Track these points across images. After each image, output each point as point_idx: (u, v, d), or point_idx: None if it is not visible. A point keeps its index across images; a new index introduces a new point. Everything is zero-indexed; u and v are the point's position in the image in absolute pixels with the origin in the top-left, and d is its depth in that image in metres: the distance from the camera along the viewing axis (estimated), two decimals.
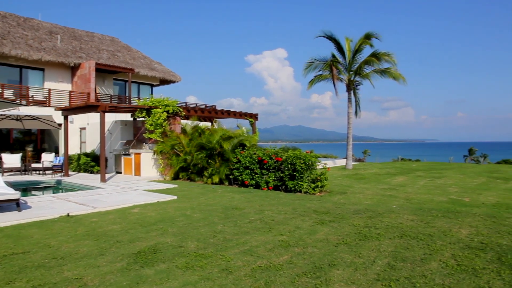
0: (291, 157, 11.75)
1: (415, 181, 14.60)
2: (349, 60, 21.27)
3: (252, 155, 12.76)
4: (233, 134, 14.27)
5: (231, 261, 4.94)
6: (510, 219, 7.55)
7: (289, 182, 11.72)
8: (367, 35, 20.46)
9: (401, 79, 20.79)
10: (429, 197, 10.57)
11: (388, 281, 4.23)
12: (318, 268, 4.65)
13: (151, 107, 15.97)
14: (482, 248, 5.46)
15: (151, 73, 26.20)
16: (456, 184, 13.54)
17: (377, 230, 6.46)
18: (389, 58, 20.59)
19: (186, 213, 8.12)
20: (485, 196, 10.89)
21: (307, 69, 22.22)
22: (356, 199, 10.31)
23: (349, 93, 21.61)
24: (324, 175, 11.73)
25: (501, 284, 4.18)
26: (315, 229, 6.60)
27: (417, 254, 5.16)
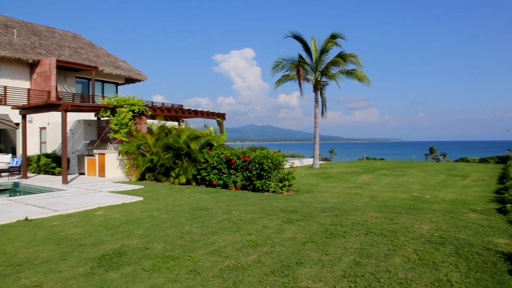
0: (258, 157, 11.78)
1: (380, 179, 15.01)
2: (316, 60, 21.57)
3: (219, 155, 12.70)
4: (201, 134, 14.15)
5: (199, 262, 4.90)
6: (466, 214, 7.92)
7: (257, 181, 11.75)
8: (332, 36, 20.81)
9: (366, 80, 21.30)
10: (392, 195, 10.90)
11: (354, 277, 4.32)
12: (286, 267, 4.69)
13: (116, 106, 15.56)
14: (442, 242, 5.69)
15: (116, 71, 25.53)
16: (418, 182, 14.03)
17: (343, 227, 6.60)
18: (355, 59, 21.04)
19: (153, 214, 7.97)
20: (444, 192, 11.35)
21: (274, 69, 22.34)
22: (323, 197, 10.48)
23: (316, 93, 21.92)
24: (292, 174, 11.84)
25: (458, 275, 4.37)
26: (283, 228, 6.65)
27: (381, 250, 5.30)
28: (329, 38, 20.87)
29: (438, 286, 4.09)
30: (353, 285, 4.13)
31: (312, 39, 21.61)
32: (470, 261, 4.84)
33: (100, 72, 24.49)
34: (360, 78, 21.32)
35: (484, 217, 7.68)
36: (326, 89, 22.65)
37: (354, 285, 4.13)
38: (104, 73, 25.00)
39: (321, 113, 22.43)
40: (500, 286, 4.10)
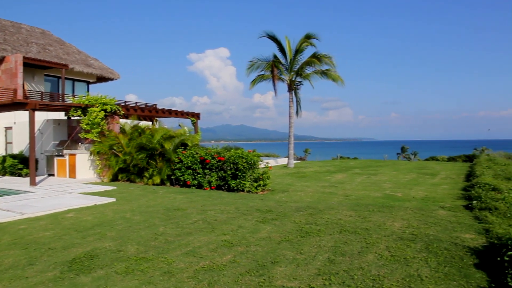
0: (233, 157, 11.76)
1: (353, 178, 15.27)
2: (291, 60, 21.71)
3: (194, 154, 12.60)
4: (175, 134, 13.99)
5: (173, 263, 4.84)
6: (436, 211, 8.16)
7: (232, 181, 11.73)
8: (307, 36, 21.00)
9: (340, 80, 21.61)
10: (366, 193, 11.10)
11: (328, 275, 4.38)
12: (261, 266, 4.70)
13: (87, 105, 15.17)
14: (413, 239, 5.84)
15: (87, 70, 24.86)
16: (390, 180, 14.35)
17: (318, 226, 6.67)
18: (329, 60, 21.31)
19: (126, 215, 7.82)
20: (415, 190, 11.66)
21: (249, 69, 22.35)
22: (298, 197, 10.56)
23: (291, 93, 22.07)
24: (266, 174, 11.87)
25: (428, 270, 4.51)
26: (258, 227, 6.66)
27: (355, 248, 5.40)
28: (304, 39, 21.05)
29: (409, 281, 4.20)
30: (327, 282, 4.18)
31: (287, 39, 21.76)
32: (439, 257, 5.00)
33: (71, 70, 23.78)
34: (334, 78, 21.61)
35: (452, 213, 7.94)
36: (300, 89, 22.84)
37: (328, 282, 4.18)
38: (74, 71, 24.29)
39: (296, 113, 22.61)
40: (467, 279, 4.25)
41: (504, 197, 8.57)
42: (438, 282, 4.19)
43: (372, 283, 4.15)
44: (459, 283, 4.17)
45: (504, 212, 7.48)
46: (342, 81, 21.66)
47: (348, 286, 4.08)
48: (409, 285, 4.11)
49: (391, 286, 4.09)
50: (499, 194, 9.01)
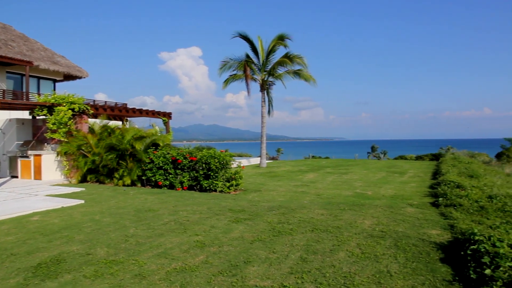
0: (205, 157, 11.68)
1: (325, 177, 15.48)
2: (263, 60, 21.80)
3: (165, 155, 12.43)
4: (146, 134, 13.75)
5: (145, 265, 4.75)
6: (404, 208, 8.40)
7: (204, 181, 11.64)
8: (280, 36, 21.14)
9: (312, 80, 21.89)
10: (337, 192, 11.28)
11: (300, 274, 4.42)
12: (234, 266, 4.68)
13: (53, 104, 14.67)
14: (382, 236, 5.99)
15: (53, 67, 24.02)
16: (360, 179, 14.65)
17: (290, 225, 6.72)
18: (301, 60, 21.52)
19: (95, 217, 7.62)
20: (385, 189, 11.95)
21: (222, 69, 22.28)
22: (270, 196, 10.61)
23: (263, 93, 22.16)
24: (239, 173, 11.86)
25: (397, 266, 4.63)
26: (230, 227, 6.64)
27: (326, 246, 5.47)
28: (276, 39, 21.17)
29: (379, 277, 4.29)
30: (300, 281, 4.22)
31: (259, 39, 21.82)
32: (408, 252, 5.14)
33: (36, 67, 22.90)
34: (306, 78, 21.86)
35: (419, 210, 8.18)
36: (272, 89, 22.98)
37: (301, 281, 4.22)
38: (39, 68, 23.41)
39: (268, 113, 22.72)
40: (433, 274, 4.39)
41: (467, 194, 8.91)
42: (407, 277, 4.31)
43: (343, 280, 4.22)
44: (426, 277, 4.30)
45: (468, 208, 7.78)
46: (314, 81, 21.94)
47: (320, 284, 4.13)
48: (379, 281, 4.20)
49: (361, 282, 4.16)
50: (463, 191, 9.37)
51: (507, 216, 7.05)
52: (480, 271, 4.05)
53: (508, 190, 9.54)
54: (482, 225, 6.31)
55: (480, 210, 7.66)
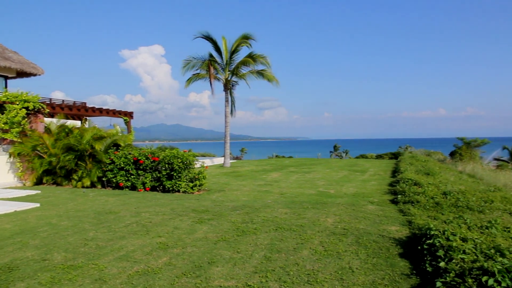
0: (168, 157, 11.49)
1: (288, 176, 15.65)
2: (227, 60, 21.74)
3: (127, 155, 12.12)
4: (106, 134, 13.34)
5: (105, 269, 4.61)
6: (365, 206, 8.64)
7: (167, 182, 11.45)
8: (244, 36, 21.16)
9: (275, 80, 22.06)
10: (300, 191, 11.43)
11: (265, 273, 4.43)
12: (198, 267, 4.63)
13: (5, 102, 13.91)
14: (344, 233, 6.13)
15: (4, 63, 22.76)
16: (323, 178, 14.93)
17: (254, 224, 6.74)
18: (264, 60, 21.64)
19: (52, 221, 7.30)
20: (346, 187, 12.24)
21: (185, 68, 22.01)
22: (234, 196, 10.59)
23: (226, 92, 22.10)
24: (202, 173, 11.76)
25: (358, 262, 4.75)
26: (194, 228, 6.57)
27: (290, 245, 5.53)
28: (240, 39, 21.17)
29: (341, 274, 4.39)
30: (264, 280, 4.23)
31: (223, 39, 21.73)
32: (368, 249, 5.29)
33: None
34: (270, 78, 22.00)
35: (380, 208, 8.45)
36: (235, 88, 22.97)
37: (265, 280, 4.23)
38: None
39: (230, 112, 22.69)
40: (392, 268, 4.54)
41: (424, 191, 9.30)
42: (368, 272, 4.43)
43: (307, 278, 4.28)
44: (385, 272, 4.44)
45: (424, 205, 8.11)
46: (277, 81, 22.13)
47: (284, 282, 4.16)
48: (341, 277, 4.29)
49: (324, 279, 4.24)
50: (420, 189, 9.76)
51: (460, 211, 7.42)
52: (435, 264, 4.23)
53: (460, 187, 10.05)
54: (437, 220, 6.60)
55: (435, 206, 8.01)
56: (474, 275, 3.68)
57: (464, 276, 3.72)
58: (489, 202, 8.16)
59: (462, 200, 8.24)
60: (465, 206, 7.82)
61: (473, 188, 10.07)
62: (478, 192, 9.34)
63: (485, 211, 7.46)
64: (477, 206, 7.79)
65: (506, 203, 8.16)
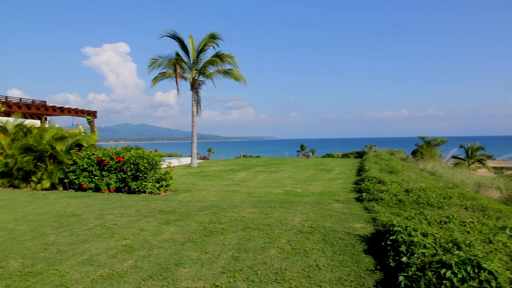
0: (134, 157, 11.24)
1: (256, 176, 15.69)
2: (194, 59, 21.53)
3: (90, 156, 11.74)
4: (68, 134, 12.87)
5: (67, 274, 4.44)
6: (332, 204, 8.79)
7: (132, 183, 11.20)
8: (211, 36, 21.01)
9: (242, 80, 22.07)
10: (268, 190, 11.48)
11: (233, 273, 4.42)
12: (165, 269, 4.55)
13: None
14: (311, 231, 6.20)
15: None
16: (290, 177, 15.07)
17: (222, 225, 6.70)
18: (231, 60, 21.60)
19: (8, 226, 6.95)
20: (313, 186, 12.42)
21: (151, 66, 21.62)
22: (201, 196, 10.50)
23: (193, 91, 21.89)
24: (169, 174, 11.58)
25: (325, 260, 4.83)
26: (160, 229, 6.46)
27: (258, 244, 5.54)
28: (208, 38, 21.02)
29: (308, 271, 4.44)
30: (232, 280, 4.21)
31: (190, 38, 21.51)
32: (335, 246, 5.39)
33: None
34: (237, 78, 21.99)
35: (345, 206, 8.62)
36: (202, 88, 22.80)
37: (233, 280, 4.22)
38: None
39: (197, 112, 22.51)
40: (358, 264, 4.65)
41: (387, 189, 9.58)
42: (334, 269, 4.51)
43: (274, 277, 4.29)
44: (351, 268, 4.53)
45: (388, 202, 8.36)
46: (245, 80, 22.15)
47: (252, 282, 4.16)
48: (308, 275, 4.34)
49: (292, 277, 4.27)
50: (383, 186, 10.05)
51: (421, 208, 7.70)
52: (398, 259, 4.36)
53: (421, 184, 10.43)
54: (400, 217, 6.81)
55: (398, 203, 8.27)
56: (434, 268, 3.83)
57: (425, 270, 3.86)
58: (448, 199, 8.52)
59: (423, 197, 8.56)
60: (426, 202, 8.12)
61: (433, 185, 10.48)
62: (437, 189, 9.73)
63: (444, 207, 7.78)
64: (436, 202, 8.11)
65: (463, 199, 8.55)
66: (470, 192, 9.89)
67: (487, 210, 7.54)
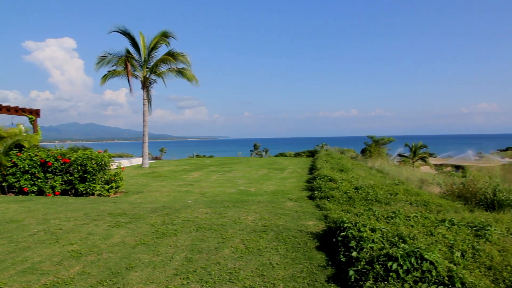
0: (81, 158, 10.74)
1: (209, 175, 15.57)
2: (145, 57, 20.95)
3: (32, 157, 11.07)
4: (7, 134, 12.04)
5: (5, 286, 4.14)
6: (285, 203, 8.91)
7: (80, 185, 10.70)
8: (163, 33, 20.55)
9: (194, 80, 21.81)
10: (221, 190, 11.43)
11: (186, 274, 4.34)
12: (115, 274, 4.39)
13: None
14: (264, 230, 6.25)
15: None
16: (244, 177, 15.10)
17: (174, 226, 6.57)
18: (184, 59, 21.25)
19: None
20: (266, 185, 12.52)
21: (99, 64, 20.75)
22: (153, 197, 10.25)
23: (145, 90, 21.33)
24: (119, 175, 11.20)
25: (278, 258, 4.88)
26: (110, 232, 6.22)
27: (211, 244, 5.49)
28: (160, 35, 20.55)
29: (262, 270, 4.46)
30: (185, 281, 4.14)
31: (141, 35, 20.91)
32: (288, 244, 5.46)
33: None
34: (189, 78, 21.70)
35: (298, 204, 8.77)
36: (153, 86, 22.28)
37: (186, 281, 4.15)
38: None
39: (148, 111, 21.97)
40: (310, 261, 4.74)
41: (338, 186, 9.87)
42: (287, 267, 4.57)
43: (228, 276, 4.28)
44: (304, 265, 4.62)
45: (339, 199, 8.62)
46: (197, 80, 21.92)
47: (206, 282, 4.12)
48: (262, 273, 4.37)
49: (246, 276, 4.28)
50: (334, 184, 10.34)
51: (369, 204, 8.01)
52: (349, 254, 4.51)
53: (370, 182, 10.85)
54: (350, 213, 7.04)
55: (348, 200, 8.56)
56: (381, 261, 4.00)
57: (373, 263, 4.02)
58: (394, 195, 8.94)
59: (372, 193, 8.91)
60: (374, 199, 8.47)
61: (381, 183, 10.94)
62: (385, 186, 10.17)
63: (390, 203, 8.15)
64: (384, 198, 8.49)
65: (408, 195, 9.00)
66: (414, 188, 10.43)
67: (429, 204, 8.00)
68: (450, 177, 16.03)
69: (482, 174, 12.01)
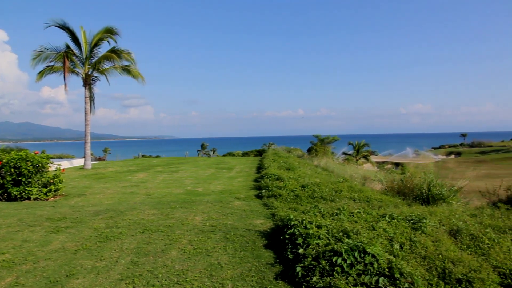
0: (15, 160, 10.01)
1: (155, 176, 15.19)
2: (87, 53, 19.97)
3: None
4: None
5: None
6: (232, 202, 8.91)
7: (13, 189, 9.97)
8: (107, 29, 19.70)
9: (140, 78, 21.16)
10: (168, 191, 11.19)
11: (131, 279, 4.21)
12: (54, 283, 4.15)
13: None
14: (213, 230, 6.21)
15: None
16: (191, 177, 14.90)
17: (119, 229, 6.34)
18: (129, 56, 20.53)
19: None
20: (214, 185, 12.45)
21: (36, 59, 19.44)
22: (96, 200, 9.82)
23: (87, 88, 20.34)
24: (59, 177, 10.58)
25: (227, 258, 4.88)
26: (48, 239, 5.86)
27: (158, 246, 5.36)
28: (103, 31, 19.69)
29: (210, 270, 4.43)
30: (131, 286, 4.01)
31: (82, 30, 19.91)
32: (236, 243, 5.47)
33: None
34: (135, 75, 21.03)
35: (246, 203, 8.81)
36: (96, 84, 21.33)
37: (132, 286, 4.02)
38: None
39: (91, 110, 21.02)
40: (258, 259, 4.79)
41: (285, 185, 10.05)
42: (236, 266, 4.57)
43: (176, 279, 4.20)
44: (252, 264, 4.65)
45: (286, 198, 8.77)
46: (143, 78, 21.30)
47: (153, 286, 4.01)
48: (210, 273, 4.34)
49: (194, 277, 4.23)
50: (282, 183, 10.51)
51: (316, 201, 8.24)
52: (296, 251, 4.60)
53: (316, 180, 11.16)
54: (297, 211, 7.20)
55: (295, 198, 8.74)
56: (327, 257, 4.13)
57: (319, 259, 4.14)
58: (339, 192, 9.27)
59: (317, 191, 9.17)
60: (320, 196, 8.72)
61: (326, 180, 11.29)
62: (330, 183, 10.50)
63: (335, 200, 8.44)
64: (329, 196, 8.77)
65: (352, 192, 9.37)
66: (357, 185, 10.88)
67: (371, 200, 8.38)
68: (390, 174, 16.92)
69: (419, 170, 12.80)
